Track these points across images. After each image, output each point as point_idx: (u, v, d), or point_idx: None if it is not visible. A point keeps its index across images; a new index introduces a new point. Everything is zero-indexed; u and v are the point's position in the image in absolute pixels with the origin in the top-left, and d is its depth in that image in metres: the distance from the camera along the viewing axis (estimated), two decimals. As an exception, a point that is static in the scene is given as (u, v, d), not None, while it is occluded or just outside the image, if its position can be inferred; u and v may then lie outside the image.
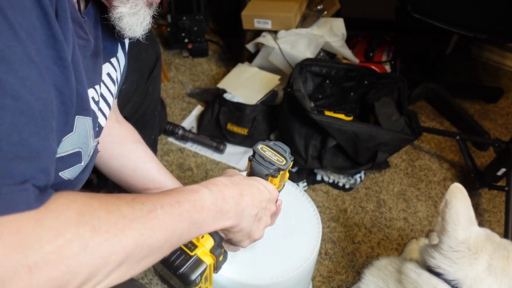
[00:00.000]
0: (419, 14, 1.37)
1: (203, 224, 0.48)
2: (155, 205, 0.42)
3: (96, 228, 0.35)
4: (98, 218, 0.36)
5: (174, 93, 1.71)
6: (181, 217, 0.44)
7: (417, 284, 0.68)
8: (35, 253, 0.31)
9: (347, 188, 1.35)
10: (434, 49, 1.91)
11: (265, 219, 0.60)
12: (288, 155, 0.63)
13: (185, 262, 0.53)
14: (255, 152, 0.62)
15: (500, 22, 1.30)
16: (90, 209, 0.36)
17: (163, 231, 0.41)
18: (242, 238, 0.58)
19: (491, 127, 1.62)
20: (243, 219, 0.54)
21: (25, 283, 0.30)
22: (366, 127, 1.21)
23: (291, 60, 1.51)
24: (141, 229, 0.39)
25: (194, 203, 0.46)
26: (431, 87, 1.67)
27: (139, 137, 0.78)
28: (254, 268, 0.73)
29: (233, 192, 0.53)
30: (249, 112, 1.44)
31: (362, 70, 1.41)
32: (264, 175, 0.61)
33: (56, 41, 0.39)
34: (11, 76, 0.33)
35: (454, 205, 0.66)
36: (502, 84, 1.85)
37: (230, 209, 0.51)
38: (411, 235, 1.23)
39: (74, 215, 0.34)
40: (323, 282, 1.10)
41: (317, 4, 1.67)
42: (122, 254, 0.37)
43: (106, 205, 0.37)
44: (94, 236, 0.34)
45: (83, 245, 0.33)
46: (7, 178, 0.32)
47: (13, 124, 0.32)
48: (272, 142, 0.64)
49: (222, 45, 1.96)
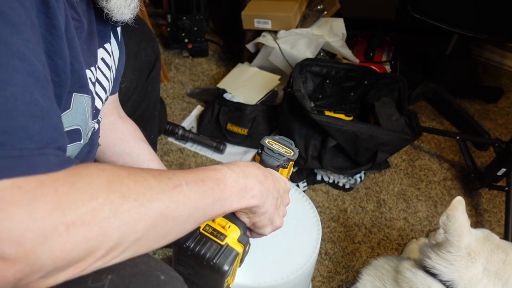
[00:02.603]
0: (419, 14, 1.36)
1: (227, 201, 0.49)
2: (180, 180, 0.43)
3: (126, 195, 0.37)
4: (127, 186, 0.38)
5: (174, 93, 1.71)
6: (205, 194, 0.45)
7: (412, 283, 0.68)
8: (72, 213, 0.33)
9: (347, 188, 1.35)
10: (434, 49, 1.91)
11: (283, 208, 0.61)
12: (294, 147, 0.65)
13: (218, 251, 0.53)
14: (264, 146, 0.64)
15: (500, 22, 1.30)
16: (119, 178, 0.38)
17: (187, 206, 0.43)
18: (265, 222, 0.58)
19: (491, 127, 1.62)
20: (268, 200, 0.54)
21: (63, 239, 0.32)
22: (366, 127, 1.21)
23: (291, 60, 1.51)
24: (166, 201, 0.40)
25: (217, 181, 0.48)
26: (431, 87, 1.67)
27: (141, 135, 0.78)
28: (254, 270, 0.73)
29: (256, 172, 0.54)
30: (249, 112, 1.44)
31: (362, 70, 1.41)
32: (275, 166, 0.62)
33: (49, 8, 0.38)
34: (17, 38, 0.33)
35: (457, 218, 0.67)
36: (502, 84, 1.85)
37: (254, 186, 0.52)
38: (411, 235, 1.23)
39: (105, 182, 0.36)
40: (323, 282, 1.10)
41: (317, 4, 1.67)
42: (149, 222, 0.38)
43: (134, 176, 0.39)
44: (124, 202, 0.37)
45: (113, 210, 0.36)
46: (30, 140, 0.33)
47: (24, 85, 0.33)
48: (277, 136, 0.66)
49: (222, 45, 1.96)
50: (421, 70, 1.80)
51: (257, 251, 0.75)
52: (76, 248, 0.33)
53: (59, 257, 0.33)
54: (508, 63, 1.93)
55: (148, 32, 0.90)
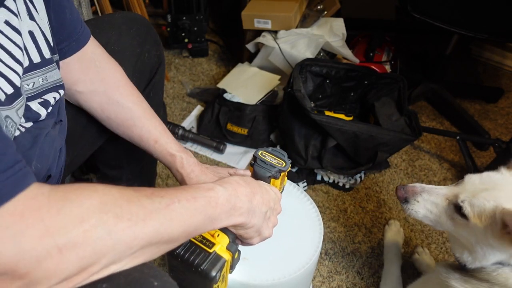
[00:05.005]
0: (419, 14, 1.37)
1: (217, 219, 0.50)
2: (173, 199, 0.44)
3: (119, 216, 0.38)
4: (120, 207, 0.39)
5: (174, 93, 1.71)
6: (197, 211, 0.47)
7: None
8: (63, 237, 0.34)
9: (347, 188, 1.35)
10: (434, 49, 1.91)
11: (273, 219, 0.63)
12: (286, 158, 0.68)
13: (205, 258, 0.55)
14: (256, 158, 0.67)
15: (500, 22, 1.30)
16: (111, 199, 0.39)
17: (180, 223, 0.44)
18: (252, 234, 0.60)
19: (491, 127, 1.62)
20: (254, 216, 0.56)
21: (57, 261, 0.34)
22: (366, 127, 1.21)
23: (291, 60, 1.51)
24: (161, 219, 0.42)
25: (209, 199, 0.49)
26: (431, 87, 1.67)
27: (124, 80, 0.75)
28: (256, 268, 0.73)
29: (246, 190, 0.55)
30: (249, 112, 1.44)
31: (362, 70, 1.41)
32: (267, 177, 0.66)
33: None
34: None
35: None
36: (502, 84, 1.85)
37: (243, 205, 0.54)
38: (411, 235, 1.23)
39: (97, 204, 0.37)
40: (323, 282, 1.10)
41: (317, 4, 1.67)
42: (144, 240, 0.40)
43: (127, 196, 0.40)
44: (118, 223, 0.38)
45: (107, 230, 0.37)
46: None
47: None
48: (270, 148, 0.69)
49: (222, 45, 1.96)
50: (421, 70, 1.80)
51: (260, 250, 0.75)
52: (70, 267, 0.35)
53: (53, 275, 0.35)
54: (508, 63, 1.93)
55: (153, 35, 0.89)
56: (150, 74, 0.91)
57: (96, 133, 0.83)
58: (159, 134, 0.74)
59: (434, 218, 0.76)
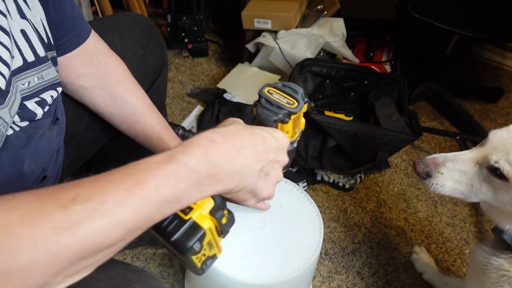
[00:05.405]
0: (419, 14, 1.37)
1: (183, 198, 0.40)
2: (103, 197, 0.34)
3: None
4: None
5: (174, 93, 1.71)
6: (144, 202, 0.36)
7: None
8: None
9: (347, 188, 1.35)
10: (434, 49, 1.92)
11: (274, 173, 0.52)
12: (301, 96, 0.54)
13: (179, 227, 0.45)
14: (261, 96, 0.53)
15: (500, 22, 1.30)
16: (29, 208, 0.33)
17: (118, 227, 0.34)
18: (244, 197, 0.51)
19: (491, 127, 1.61)
20: (243, 178, 0.46)
21: None
22: (366, 127, 1.21)
23: (291, 60, 1.51)
24: (85, 235, 0.33)
25: (163, 178, 0.38)
26: (431, 87, 1.67)
27: (130, 76, 0.74)
28: (256, 267, 0.73)
29: (223, 149, 0.44)
30: (249, 112, 1.44)
31: (362, 70, 1.41)
32: (272, 121, 0.53)
33: None
34: None
35: None
36: (502, 84, 1.85)
37: (220, 170, 0.43)
38: (411, 235, 1.23)
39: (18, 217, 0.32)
40: (323, 282, 1.10)
41: (317, 4, 1.67)
42: (69, 260, 0.33)
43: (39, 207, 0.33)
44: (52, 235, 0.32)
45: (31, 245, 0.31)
46: None
47: None
48: (281, 83, 0.55)
49: (222, 45, 1.96)
50: (421, 70, 1.80)
51: (259, 248, 0.75)
52: None
53: None
54: (508, 63, 1.93)
55: (156, 37, 0.88)
56: (153, 76, 0.90)
57: (99, 132, 0.82)
58: (162, 131, 0.73)
59: (465, 189, 0.65)
